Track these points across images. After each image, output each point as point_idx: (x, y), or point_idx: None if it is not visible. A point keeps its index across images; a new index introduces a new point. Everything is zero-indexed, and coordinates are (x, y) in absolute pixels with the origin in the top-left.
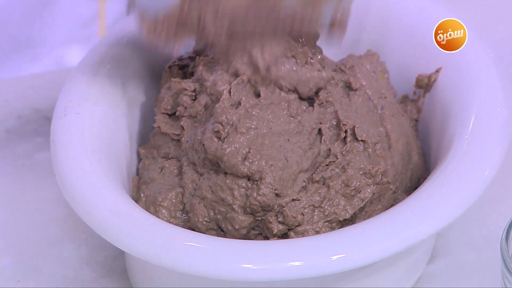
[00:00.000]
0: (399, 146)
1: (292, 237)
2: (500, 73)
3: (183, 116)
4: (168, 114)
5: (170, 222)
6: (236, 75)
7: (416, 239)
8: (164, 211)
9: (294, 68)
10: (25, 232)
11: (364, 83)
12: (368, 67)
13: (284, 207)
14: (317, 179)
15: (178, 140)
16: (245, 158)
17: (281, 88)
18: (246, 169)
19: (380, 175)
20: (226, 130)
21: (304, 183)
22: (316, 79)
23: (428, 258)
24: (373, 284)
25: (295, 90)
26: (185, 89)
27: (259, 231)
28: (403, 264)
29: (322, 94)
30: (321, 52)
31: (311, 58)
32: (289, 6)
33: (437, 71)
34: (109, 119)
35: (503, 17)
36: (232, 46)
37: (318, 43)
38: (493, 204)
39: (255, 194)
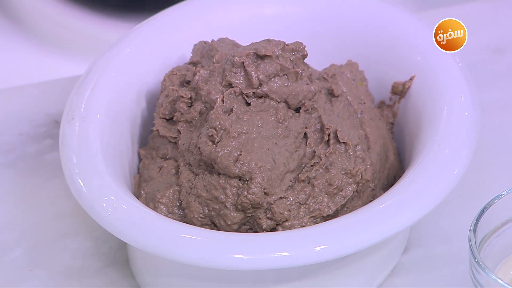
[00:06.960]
0: (377, 147)
1: None
2: (467, 81)
3: (180, 121)
4: (166, 119)
5: (168, 217)
6: (229, 86)
7: (391, 231)
8: (162, 207)
9: (286, 84)
10: (36, 225)
11: (345, 90)
12: (348, 75)
13: (272, 204)
14: (302, 178)
15: (175, 143)
16: (236, 160)
17: (272, 100)
18: (237, 170)
19: (360, 175)
20: (219, 134)
21: (290, 183)
22: (305, 92)
23: (403, 249)
24: (353, 272)
25: (285, 102)
26: (182, 97)
27: (249, 226)
28: (380, 255)
29: (307, 102)
30: (308, 67)
31: (301, 74)
32: None
33: (411, 79)
34: (113, 123)
35: (471, 31)
36: None
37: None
38: (462, 200)
39: (245, 193)
